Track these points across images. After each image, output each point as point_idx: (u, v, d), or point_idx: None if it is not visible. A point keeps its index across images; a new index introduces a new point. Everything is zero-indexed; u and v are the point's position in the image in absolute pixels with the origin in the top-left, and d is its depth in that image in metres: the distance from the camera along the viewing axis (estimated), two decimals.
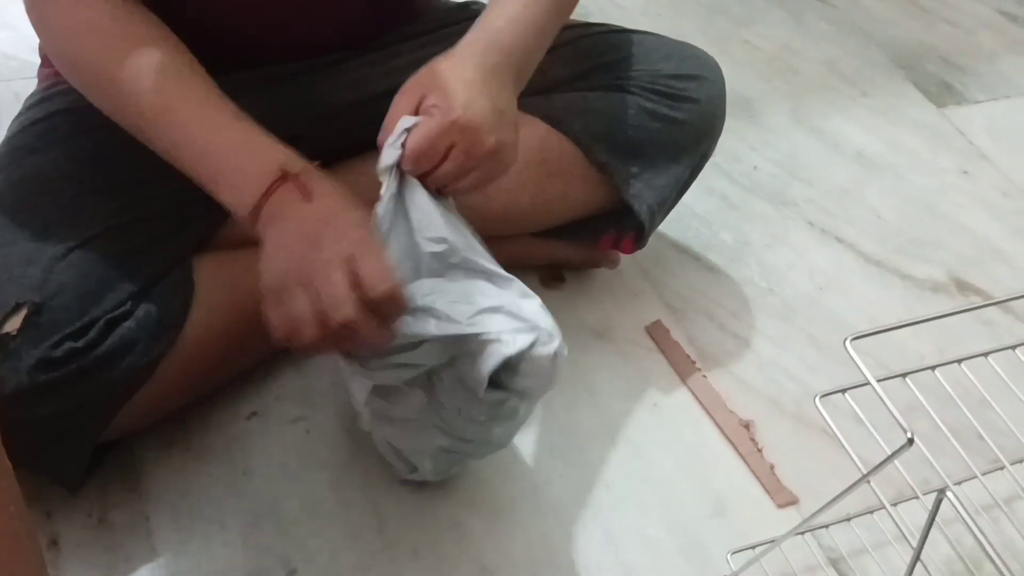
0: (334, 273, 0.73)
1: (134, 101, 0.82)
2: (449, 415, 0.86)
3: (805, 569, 0.96)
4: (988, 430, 0.82)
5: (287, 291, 0.74)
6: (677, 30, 1.14)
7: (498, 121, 0.81)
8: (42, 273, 0.83)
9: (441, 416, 0.87)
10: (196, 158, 0.81)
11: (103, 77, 0.83)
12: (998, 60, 1.83)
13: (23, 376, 0.79)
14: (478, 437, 0.90)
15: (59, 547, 0.90)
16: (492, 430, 0.89)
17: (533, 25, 0.88)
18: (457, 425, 0.87)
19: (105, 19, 0.83)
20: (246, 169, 0.80)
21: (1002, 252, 1.40)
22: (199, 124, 0.81)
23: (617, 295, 1.23)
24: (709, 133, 1.11)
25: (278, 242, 0.77)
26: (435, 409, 0.86)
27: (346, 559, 0.92)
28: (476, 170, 0.82)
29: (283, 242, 0.76)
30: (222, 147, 0.81)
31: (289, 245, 0.76)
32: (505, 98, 0.84)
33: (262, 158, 0.80)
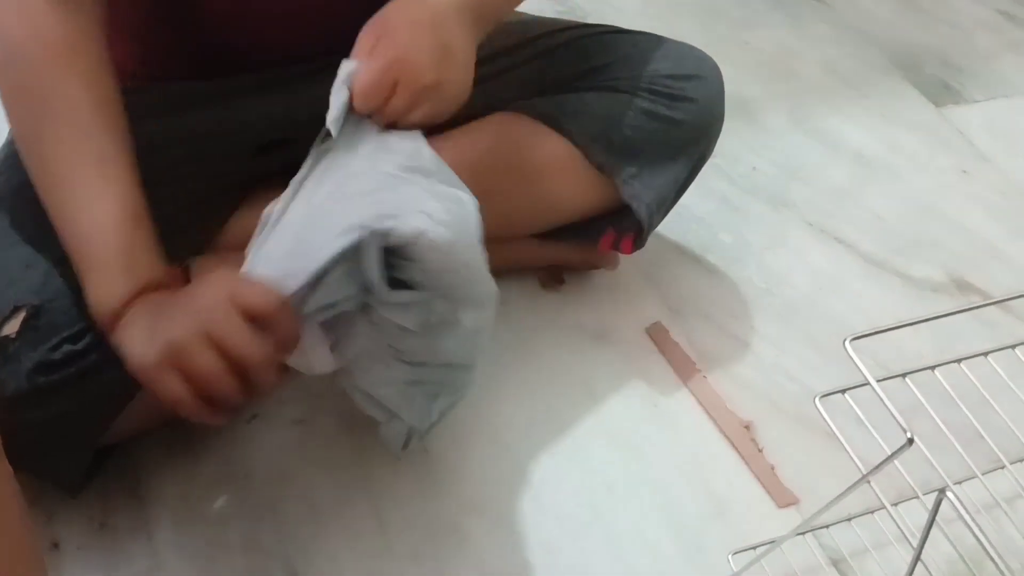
0: (231, 319, 0.70)
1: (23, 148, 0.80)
2: (391, 334, 0.83)
3: (806, 569, 0.96)
4: (988, 429, 0.82)
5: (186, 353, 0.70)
6: (675, 32, 1.14)
7: (442, 58, 0.84)
8: (41, 276, 0.83)
9: (387, 341, 0.83)
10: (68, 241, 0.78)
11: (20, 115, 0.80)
12: (996, 60, 1.83)
13: (22, 379, 0.79)
14: (431, 357, 0.86)
15: (60, 550, 0.90)
16: (439, 345, 0.85)
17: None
18: (405, 346, 0.84)
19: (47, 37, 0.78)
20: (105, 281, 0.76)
21: (1001, 252, 1.40)
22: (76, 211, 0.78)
23: (617, 297, 1.23)
24: (707, 133, 1.11)
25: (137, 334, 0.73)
26: (378, 332, 0.83)
27: (347, 561, 0.92)
28: (423, 104, 0.85)
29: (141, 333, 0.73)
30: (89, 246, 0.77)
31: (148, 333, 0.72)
32: (455, 37, 0.85)
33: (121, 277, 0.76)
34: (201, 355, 0.69)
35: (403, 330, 0.83)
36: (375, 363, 0.86)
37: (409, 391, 0.89)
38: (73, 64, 0.79)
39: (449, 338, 0.86)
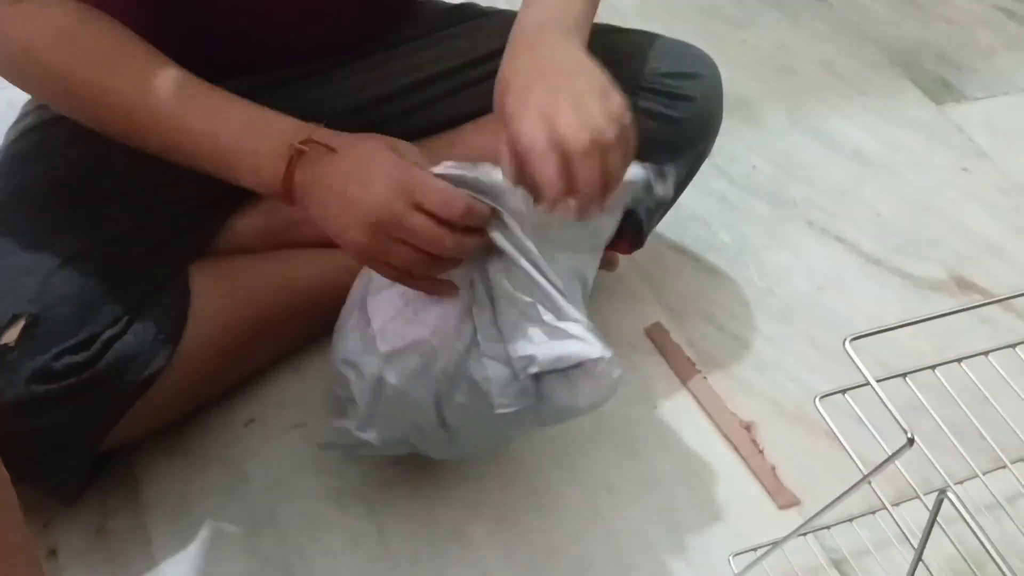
0: (412, 220, 0.74)
1: (121, 108, 0.81)
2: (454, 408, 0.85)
3: (807, 570, 0.96)
4: (989, 429, 0.81)
5: (381, 253, 0.76)
6: (672, 31, 1.13)
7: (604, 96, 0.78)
8: (39, 284, 0.83)
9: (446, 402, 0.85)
10: (206, 155, 0.81)
11: (79, 85, 0.81)
12: (996, 57, 1.83)
13: (20, 387, 0.79)
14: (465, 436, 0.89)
15: (58, 556, 0.89)
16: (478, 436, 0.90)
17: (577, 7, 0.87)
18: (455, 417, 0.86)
19: (73, 24, 0.80)
20: (259, 153, 0.79)
21: (1001, 249, 1.39)
22: (198, 119, 0.80)
23: (616, 298, 1.23)
24: (706, 132, 1.11)
25: (330, 211, 0.77)
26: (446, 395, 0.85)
27: (346, 566, 0.92)
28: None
29: (335, 210, 0.77)
30: (228, 137, 0.80)
31: (345, 211, 0.76)
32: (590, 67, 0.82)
33: (270, 138, 0.79)
34: (415, 217, 0.74)
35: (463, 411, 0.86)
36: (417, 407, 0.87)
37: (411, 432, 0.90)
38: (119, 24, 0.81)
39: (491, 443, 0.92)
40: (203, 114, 0.80)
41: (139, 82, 0.80)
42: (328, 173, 0.77)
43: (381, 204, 0.75)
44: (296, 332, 1.06)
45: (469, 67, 1.07)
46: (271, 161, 0.78)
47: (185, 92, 0.81)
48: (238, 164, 0.80)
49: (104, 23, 0.81)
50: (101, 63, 0.80)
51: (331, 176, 0.77)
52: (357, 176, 0.76)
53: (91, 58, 0.80)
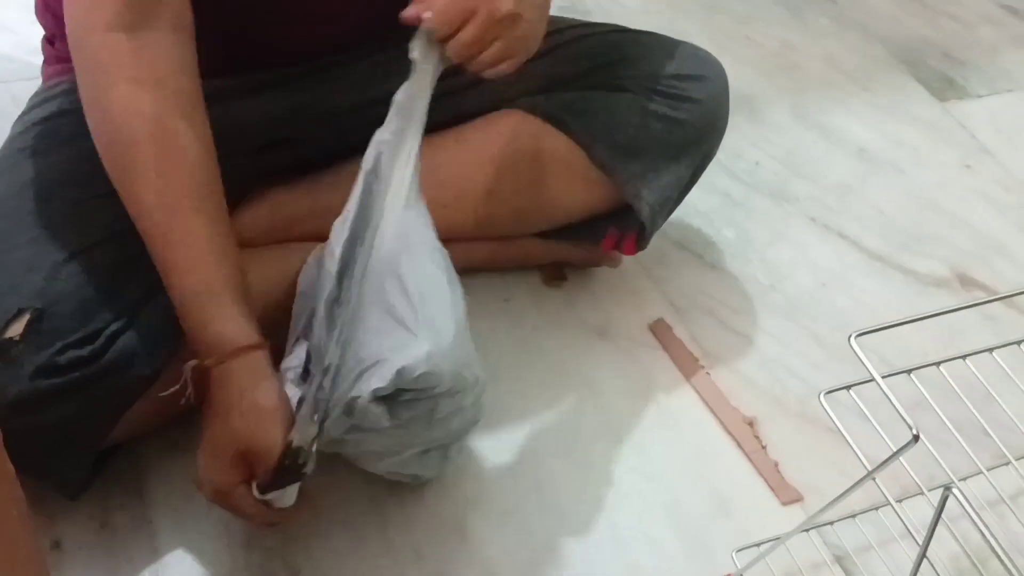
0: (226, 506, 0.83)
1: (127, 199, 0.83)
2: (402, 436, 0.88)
3: (810, 567, 0.96)
4: (993, 425, 0.81)
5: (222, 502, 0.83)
6: (677, 28, 1.14)
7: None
8: (44, 280, 0.83)
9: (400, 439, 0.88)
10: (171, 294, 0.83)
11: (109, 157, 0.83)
12: (999, 54, 1.83)
13: (25, 382, 0.79)
14: (440, 435, 0.91)
15: (62, 550, 0.90)
16: (448, 427, 0.90)
17: None
18: (416, 438, 0.89)
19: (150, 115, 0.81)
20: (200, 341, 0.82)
21: (1005, 246, 1.39)
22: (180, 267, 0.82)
23: (619, 294, 1.23)
24: (711, 133, 1.10)
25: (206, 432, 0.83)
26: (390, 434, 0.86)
27: (349, 561, 0.92)
28: (498, 40, 0.84)
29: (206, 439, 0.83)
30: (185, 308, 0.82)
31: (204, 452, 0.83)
32: None
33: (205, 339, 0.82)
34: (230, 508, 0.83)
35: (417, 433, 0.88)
36: (386, 456, 0.91)
37: (422, 457, 0.93)
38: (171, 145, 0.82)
39: (455, 420, 0.90)
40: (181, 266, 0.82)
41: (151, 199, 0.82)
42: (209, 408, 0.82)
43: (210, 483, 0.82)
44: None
45: None
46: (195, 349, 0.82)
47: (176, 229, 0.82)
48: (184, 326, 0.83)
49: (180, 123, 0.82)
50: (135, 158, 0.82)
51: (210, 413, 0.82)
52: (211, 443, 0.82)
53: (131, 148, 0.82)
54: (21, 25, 0.84)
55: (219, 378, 0.80)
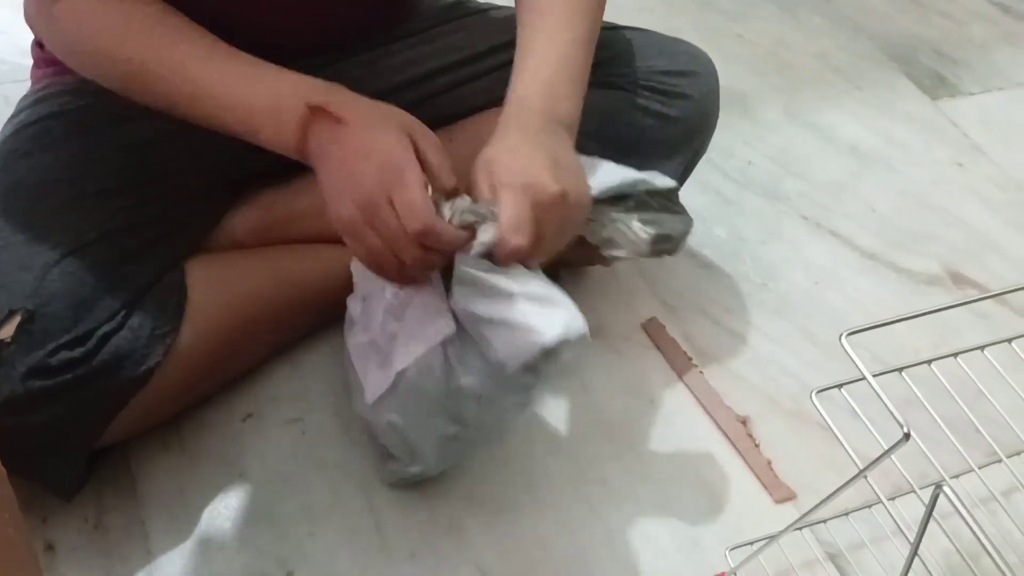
0: (383, 213, 0.77)
1: (157, 82, 0.84)
2: (467, 401, 0.86)
3: (803, 564, 0.96)
4: (984, 423, 0.82)
5: (357, 232, 0.79)
6: (669, 25, 1.14)
7: (555, 167, 0.80)
8: (35, 280, 0.83)
9: (458, 402, 0.86)
10: (230, 116, 0.83)
11: (122, 63, 0.84)
12: (991, 51, 1.83)
13: (16, 383, 0.79)
14: (487, 424, 0.90)
15: (55, 551, 0.89)
16: (506, 417, 0.90)
17: (564, 74, 0.88)
18: (471, 412, 0.87)
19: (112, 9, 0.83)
20: (278, 114, 0.81)
21: (997, 244, 1.40)
22: (222, 83, 0.83)
23: (612, 293, 1.23)
24: (702, 130, 1.11)
25: (330, 179, 0.80)
26: (453, 396, 0.86)
27: (343, 560, 0.92)
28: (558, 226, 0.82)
29: (334, 179, 0.80)
30: (249, 99, 0.83)
31: (340, 183, 0.79)
32: (558, 148, 0.83)
33: (288, 98, 0.81)
34: (387, 212, 0.77)
35: (490, 404, 0.87)
36: (431, 416, 0.89)
37: (445, 444, 0.91)
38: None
39: (516, 412, 0.90)
40: (231, 79, 0.83)
41: (174, 49, 0.83)
42: (335, 144, 0.80)
43: (365, 187, 0.77)
44: (293, 327, 1.06)
45: (466, 63, 1.06)
46: (288, 124, 0.81)
47: (214, 60, 0.84)
48: (260, 127, 0.82)
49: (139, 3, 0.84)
50: (138, 36, 0.83)
51: (337, 148, 0.80)
52: (357, 154, 0.78)
53: (129, 31, 0.83)
54: (11, 26, 0.84)
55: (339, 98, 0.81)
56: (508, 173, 0.79)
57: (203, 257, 0.97)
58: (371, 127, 0.80)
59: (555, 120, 0.85)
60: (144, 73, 0.84)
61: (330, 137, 0.80)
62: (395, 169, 0.77)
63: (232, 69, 0.84)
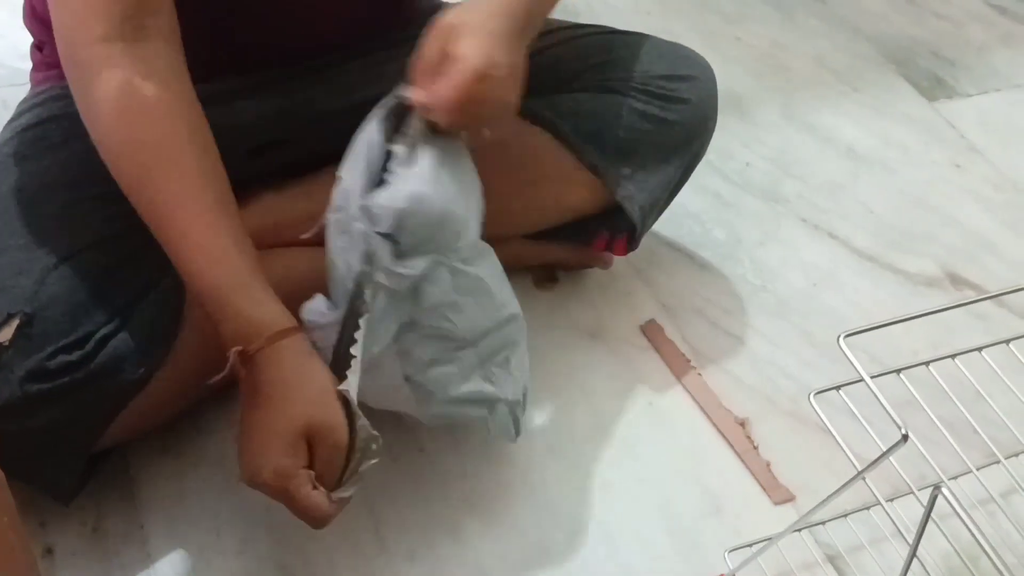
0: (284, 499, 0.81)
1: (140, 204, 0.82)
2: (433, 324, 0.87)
3: (802, 566, 0.96)
4: (983, 424, 0.82)
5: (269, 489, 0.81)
6: (667, 28, 1.14)
7: (515, 77, 0.84)
8: (33, 284, 0.83)
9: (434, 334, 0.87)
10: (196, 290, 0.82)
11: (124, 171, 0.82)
12: (988, 53, 1.83)
13: (15, 387, 0.79)
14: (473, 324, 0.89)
15: (54, 556, 0.89)
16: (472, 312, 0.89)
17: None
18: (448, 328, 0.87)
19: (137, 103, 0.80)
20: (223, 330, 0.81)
21: (994, 245, 1.40)
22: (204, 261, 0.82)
23: (610, 295, 1.23)
24: (701, 134, 1.11)
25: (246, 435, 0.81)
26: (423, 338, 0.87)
27: (343, 563, 0.92)
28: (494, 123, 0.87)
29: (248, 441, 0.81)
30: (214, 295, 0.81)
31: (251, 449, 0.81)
32: (519, 54, 0.85)
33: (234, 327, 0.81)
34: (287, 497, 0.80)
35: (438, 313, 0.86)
36: (442, 366, 0.88)
37: (485, 372, 0.91)
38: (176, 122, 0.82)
39: (481, 299, 0.89)
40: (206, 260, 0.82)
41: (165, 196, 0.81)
42: (249, 408, 0.81)
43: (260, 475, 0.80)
44: None
45: None
46: (228, 337, 0.81)
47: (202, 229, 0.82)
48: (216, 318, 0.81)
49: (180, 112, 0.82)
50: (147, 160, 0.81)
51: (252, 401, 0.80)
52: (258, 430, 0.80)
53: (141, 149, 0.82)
54: (10, 30, 0.84)
55: (268, 360, 0.80)
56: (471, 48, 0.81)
57: None
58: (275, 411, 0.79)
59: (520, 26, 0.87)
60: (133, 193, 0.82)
61: (246, 385, 0.81)
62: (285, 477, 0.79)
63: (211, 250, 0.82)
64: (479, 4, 0.85)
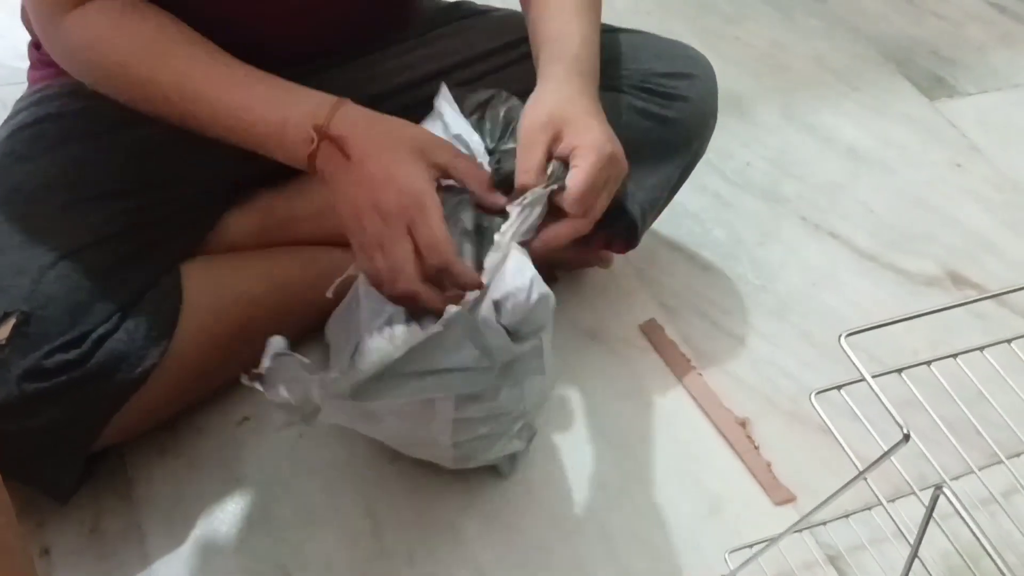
0: (396, 245, 0.78)
1: (165, 96, 0.84)
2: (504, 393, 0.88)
3: (803, 567, 0.96)
4: (984, 424, 0.81)
5: (369, 250, 0.80)
6: (666, 28, 1.14)
7: (615, 140, 0.85)
8: (31, 283, 0.83)
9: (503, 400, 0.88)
10: (241, 132, 0.84)
11: (130, 79, 0.84)
12: (988, 52, 1.83)
13: (12, 386, 0.79)
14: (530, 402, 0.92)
15: (51, 556, 0.89)
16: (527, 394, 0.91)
17: (595, 40, 0.93)
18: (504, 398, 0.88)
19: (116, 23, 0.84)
20: (283, 133, 0.82)
21: (995, 245, 1.40)
22: (234, 97, 0.84)
23: (610, 294, 1.23)
24: (700, 132, 1.10)
25: (345, 200, 0.81)
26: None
27: (341, 564, 0.92)
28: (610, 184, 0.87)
29: (350, 201, 0.81)
30: (259, 114, 0.83)
31: (358, 204, 0.80)
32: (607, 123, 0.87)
33: (292, 116, 0.82)
34: (401, 243, 0.78)
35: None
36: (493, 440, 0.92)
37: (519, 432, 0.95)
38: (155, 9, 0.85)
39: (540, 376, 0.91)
40: (238, 92, 0.84)
41: (179, 69, 0.84)
42: (346, 174, 0.81)
43: (385, 212, 0.79)
44: (288, 329, 1.05)
45: (463, 66, 1.06)
46: (296, 142, 0.82)
47: (220, 72, 0.84)
48: (267, 142, 0.83)
49: (143, 14, 0.84)
50: (144, 55, 0.84)
51: (348, 176, 0.81)
52: (374, 182, 0.79)
53: (135, 51, 0.84)
54: (8, 30, 0.84)
55: (345, 121, 0.81)
56: (587, 137, 0.82)
57: (200, 260, 0.96)
58: (383, 156, 0.80)
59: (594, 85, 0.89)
60: (151, 87, 0.84)
61: (338, 166, 0.81)
62: (416, 202, 0.79)
63: (236, 83, 0.84)
64: (558, 93, 0.86)
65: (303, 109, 0.82)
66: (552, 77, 0.87)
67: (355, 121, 0.82)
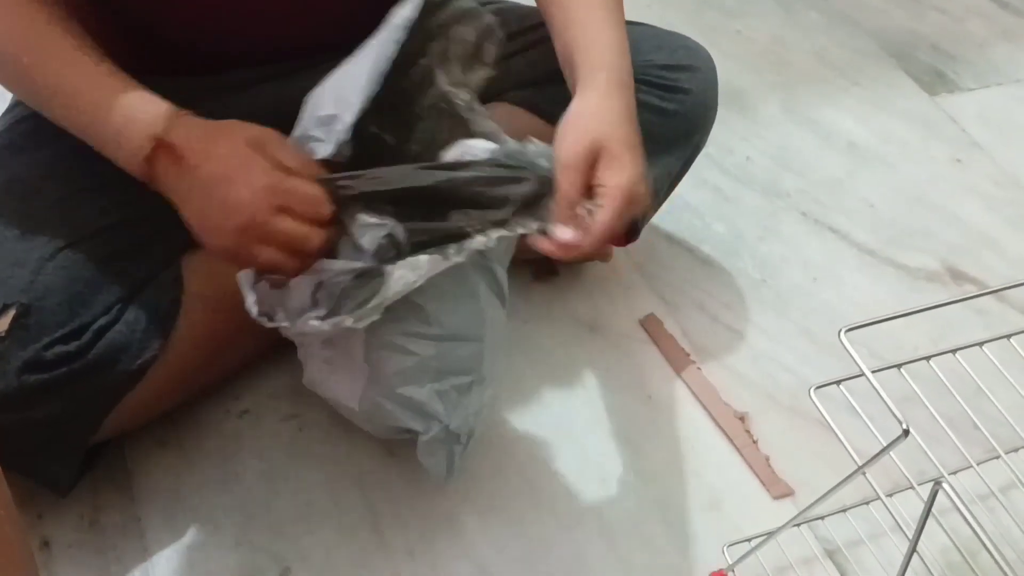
0: (277, 225, 0.76)
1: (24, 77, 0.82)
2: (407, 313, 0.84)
3: (801, 561, 0.96)
4: (983, 420, 0.81)
5: (245, 256, 0.78)
6: (666, 22, 1.13)
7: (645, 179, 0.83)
8: (30, 275, 0.83)
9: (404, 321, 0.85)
10: (83, 129, 0.81)
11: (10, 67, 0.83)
12: (989, 47, 1.83)
13: (11, 378, 0.79)
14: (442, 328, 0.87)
15: (51, 549, 0.89)
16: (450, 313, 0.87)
17: (627, 46, 0.89)
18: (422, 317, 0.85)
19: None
20: (120, 140, 0.79)
21: (995, 241, 1.40)
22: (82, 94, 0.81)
23: (610, 288, 1.23)
24: (701, 124, 1.10)
25: (196, 214, 0.79)
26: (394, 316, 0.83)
27: (340, 558, 0.92)
28: None
29: (201, 214, 0.79)
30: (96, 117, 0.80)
31: (211, 215, 0.78)
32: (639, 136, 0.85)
33: (133, 124, 0.79)
34: (280, 222, 0.76)
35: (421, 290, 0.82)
36: (401, 355, 0.86)
37: (441, 388, 0.88)
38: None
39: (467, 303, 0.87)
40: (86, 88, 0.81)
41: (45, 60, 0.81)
42: (185, 180, 0.78)
43: (243, 212, 0.76)
44: None
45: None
46: (131, 151, 0.79)
47: (76, 65, 0.81)
48: (104, 144, 0.81)
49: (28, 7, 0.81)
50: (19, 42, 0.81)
51: (190, 180, 0.78)
52: (217, 183, 0.77)
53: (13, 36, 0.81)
54: None
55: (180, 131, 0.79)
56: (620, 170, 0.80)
57: (200, 252, 0.96)
58: (220, 155, 0.78)
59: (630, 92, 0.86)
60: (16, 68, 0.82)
61: (176, 173, 0.79)
62: (266, 183, 0.76)
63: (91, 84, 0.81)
64: (602, 114, 0.83)
65: (142, 117, 0.79)
66: (594, 87, 0.84)
67: (190, 129, 0.79)
